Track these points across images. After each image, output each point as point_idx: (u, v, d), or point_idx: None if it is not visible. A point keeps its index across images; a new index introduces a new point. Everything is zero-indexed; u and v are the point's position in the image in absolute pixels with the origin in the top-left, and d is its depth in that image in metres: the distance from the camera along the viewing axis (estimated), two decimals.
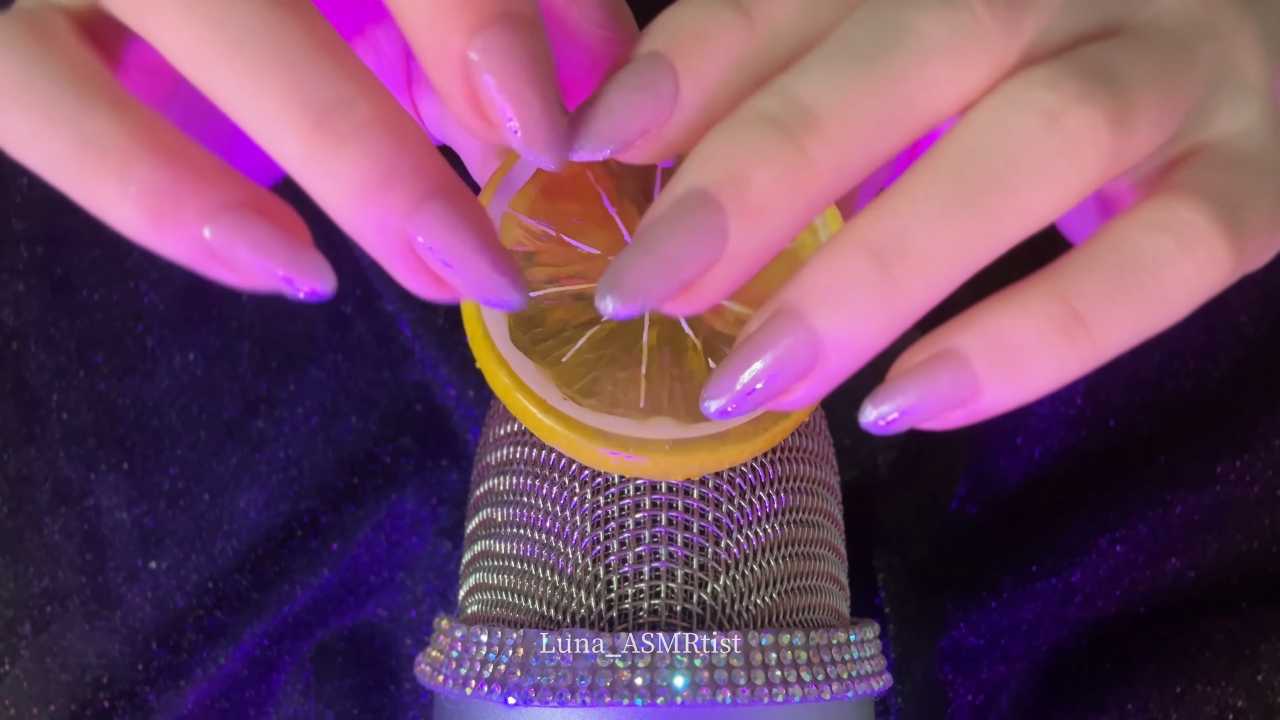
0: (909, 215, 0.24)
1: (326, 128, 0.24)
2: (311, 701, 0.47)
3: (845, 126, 0.24)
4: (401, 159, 0.24)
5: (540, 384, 0.30)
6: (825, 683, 0.33)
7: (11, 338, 0.46)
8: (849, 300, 0.24)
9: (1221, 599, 0.42)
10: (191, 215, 0.24)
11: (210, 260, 0.24)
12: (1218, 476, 0.43)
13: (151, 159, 0.24)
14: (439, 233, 0.24)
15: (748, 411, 0.26)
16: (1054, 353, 0.25)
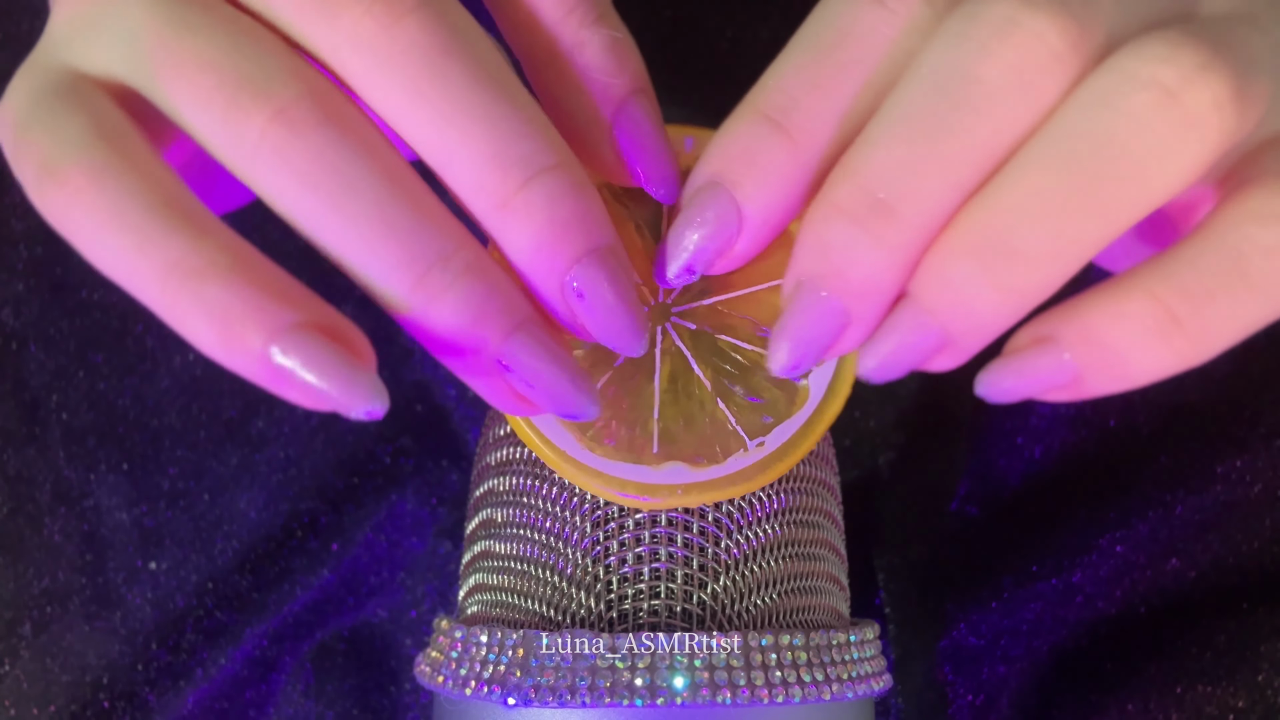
0: (1017, 216, 0.25)
1: (428, 282, 0.26)
2: (311, 702, 0.47)
3: (919, 204, 0.26)
4: (491, 302, 0.27)
5: (557, 432, 0.32)
6: (825, 683, 0.33)
7: (11, 338, 0.46)
8: (964, 301, 0.26)
9: (1222, 599, 0.42)
10: (258, 336, 0.25)
11: (277, 379, 0.25)
12: (1218, 476, 0.43)
13: (225, 280, 0.25)
14: (525, 359, 0.27)
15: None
16: (1150, 355, 0.26)
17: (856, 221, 0.26)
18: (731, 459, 0.32)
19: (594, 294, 0.28)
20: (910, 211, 0.26)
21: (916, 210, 0.26)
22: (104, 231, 0.26)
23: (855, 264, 0.26)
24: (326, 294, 0.48)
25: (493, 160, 0.27)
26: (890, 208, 0.26)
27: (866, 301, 0.27)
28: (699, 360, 0.33)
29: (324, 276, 0.27)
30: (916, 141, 0.26)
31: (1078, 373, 0.26)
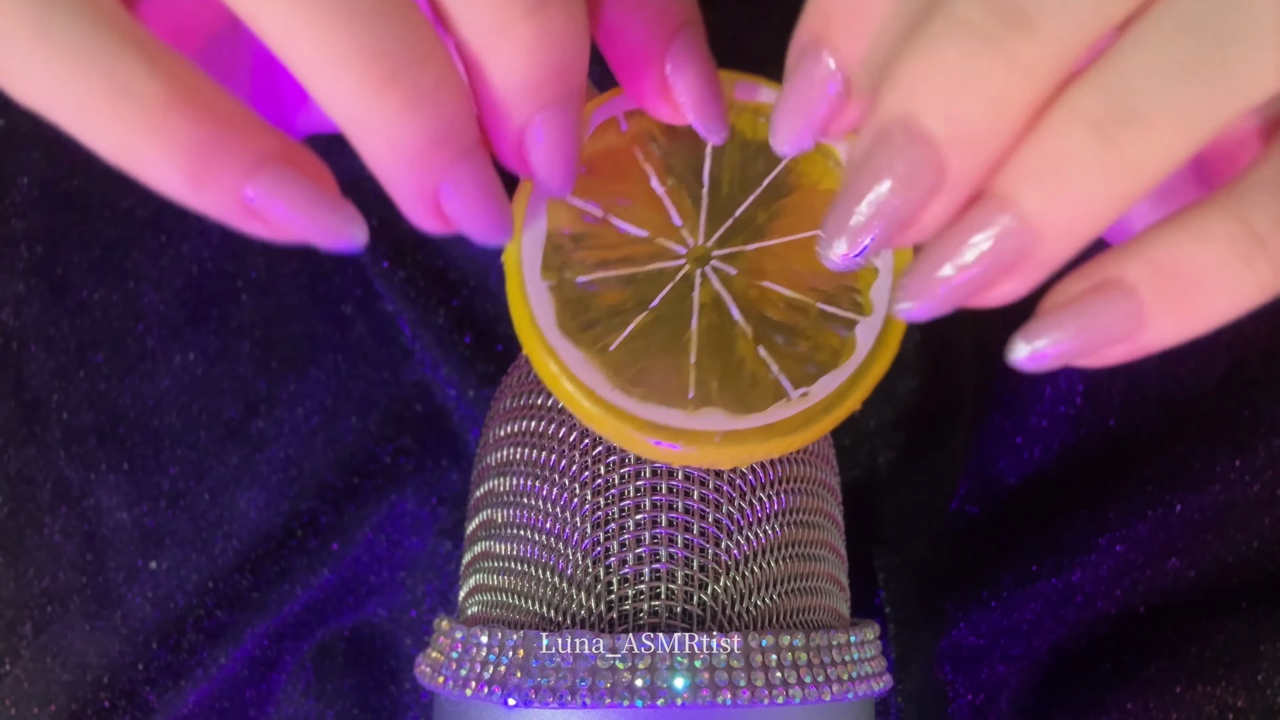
0: (1137, 75, 0.22)
1: (395, 86, 0.23)
2: (312, 701, 0.47)
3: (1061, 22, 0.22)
4: (453, 122, 0.24)
5: (588, 372, 0.30)
6: (825, 684, 0.33)
7: (11, 338, 0.46)
8: (1066, 180, 0.22)
9: (1222, 599, 0.42)
10: (232, 171, 0.23)
11: (247, 216, 0.24)
12: (1218, 476, 0.43)
13: (192, 112, 0.23)
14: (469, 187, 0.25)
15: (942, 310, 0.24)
16: (1232, 282, 0.23)
17: (982, 34, 0.22)
18: (773, 408, 0.29)
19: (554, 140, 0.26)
20: (1052, 25, 0.22)
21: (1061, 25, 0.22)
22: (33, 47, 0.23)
23: (973, 89, 0.22)
24: (326, 293, 0.48)
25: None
26: (1029, 17, 0.21)
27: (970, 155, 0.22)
28: (740, 306, 0.31)
29: (323, 276, 0.27)
30: None
31: (1144, 317, 0.23)
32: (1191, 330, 0.24)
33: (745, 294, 0.31)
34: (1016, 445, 0.47)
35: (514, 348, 0.47)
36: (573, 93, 0.26)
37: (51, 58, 0.23)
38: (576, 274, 0.30)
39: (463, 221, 0.26)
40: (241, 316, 0.47)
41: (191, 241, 0.47)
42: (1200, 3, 0.22)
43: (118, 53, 0.23)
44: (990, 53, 0.22)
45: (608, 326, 0.30)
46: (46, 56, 0.23)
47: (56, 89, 0.23)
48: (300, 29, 0.23)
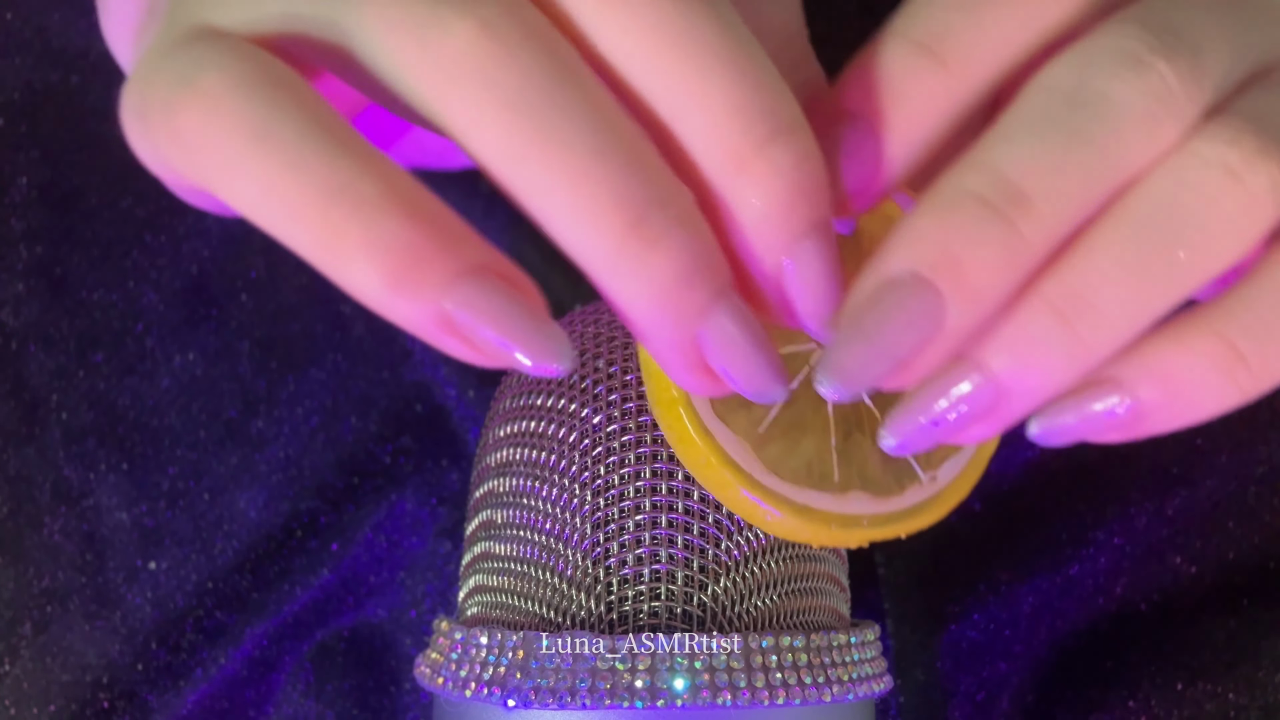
0: (1093, 274, 0.25)
1: (643, 228, 0.23)
2: (311, 701, 0.47)
3: (1053, 202, 0.25)
4: (701, 259, 0.24)
5: (743, 456, 0.30)
6: (826, 685, 0.33)
7: (11, 338, 0.46)
8: (1032, 354, 0.25)
9: (1222, 596, 0.42)
10: (434, 281, 0.22)
11: (444, 331, 0.23)
12: (1215, 470, 0.43)
13: (402, 214, 0.22)
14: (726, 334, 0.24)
15: (923, 448, 0.26)
16: (1215, 389, 0.26)
17: (991, 207, 0.24)
18: (909, 491, 0.31)
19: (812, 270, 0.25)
20: (1047, 207, 0.25)
21: (1053, 208, 0.25)
22: (246, 150, 0.23)
23: (979, 254, 0.24)
24: (326, 293, 0.48)
25: (737, 112, 0.24)
26: (1028, 198, 0.25)
27: (971, 309, 0.25)
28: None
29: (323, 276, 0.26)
30: (1057, 143, 0.25)
31: (1140, 411, 0.26)
32: (1179, 425, 0.27)
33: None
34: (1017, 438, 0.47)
35: None
36: (824, 221, 0.25)
37: (267, 161, 0.22)
38: None
39: (730, 370, 0.25)
40: (241, 316, 0.47)
41: (191, 241, 0.47)
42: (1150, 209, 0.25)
43: (333, 156, 0.23)
44: (995, 222, 0.24)
45: (752, 408, 0.30)
46: (262, 160, 0.23)
47: (266, 191, 0.23)
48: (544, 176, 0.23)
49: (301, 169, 0.22)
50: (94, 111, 0.47)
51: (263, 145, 0.23)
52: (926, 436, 0.26)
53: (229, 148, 0.23)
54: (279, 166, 0.22)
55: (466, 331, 0.23)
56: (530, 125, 0.23)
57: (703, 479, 0.30)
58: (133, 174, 0.47)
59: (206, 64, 0.23)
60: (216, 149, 0.23)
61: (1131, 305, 0.25)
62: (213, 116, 0.23)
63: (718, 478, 0.30)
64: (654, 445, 0.34)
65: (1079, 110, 0.25)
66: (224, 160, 0.23)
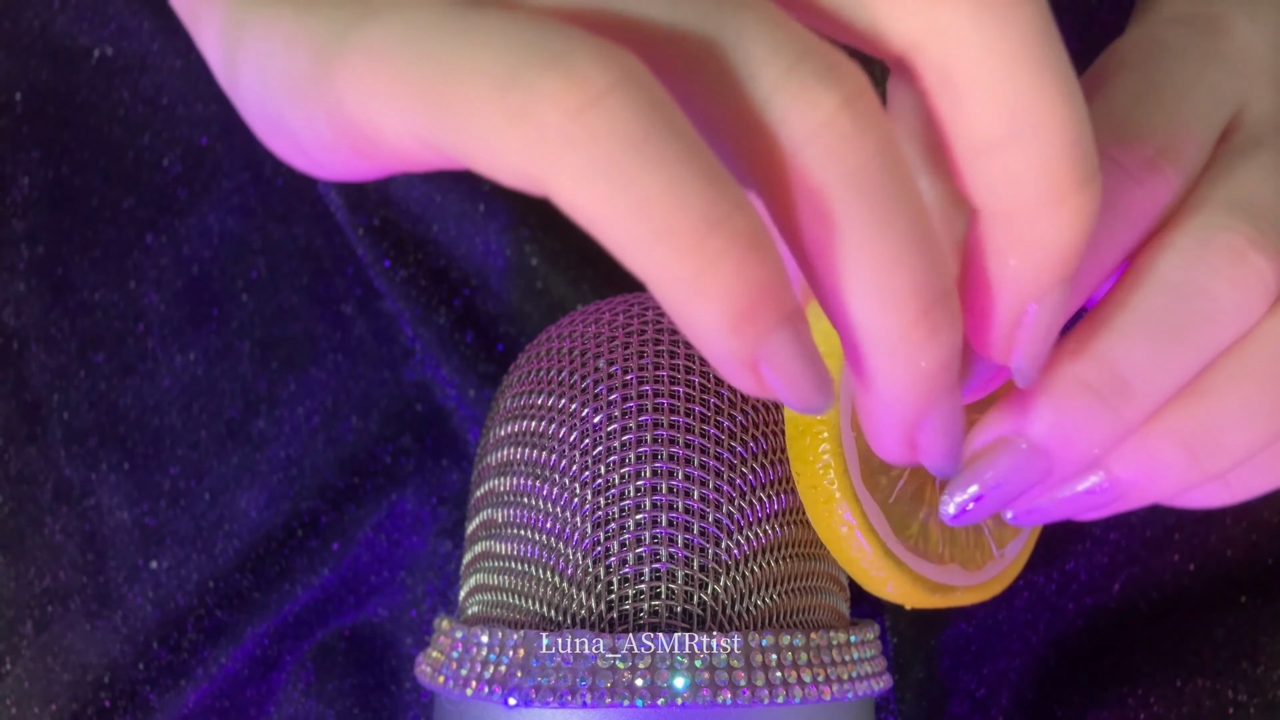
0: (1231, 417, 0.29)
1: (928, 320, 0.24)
2: (312, 701, 0.47)
3: (1153, 391, 0.29)
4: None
5: (881, 523, 0.32)
6: (825, 684, 0.33)
7: (12, 338, 0.46)
8: (1076, 432, 0.29)
9: (1221, 592, 0.43)
10: (765, 323, 0.22)
11: (748, 370, 0.23)
12: None
13: (764, 256, 0.22)
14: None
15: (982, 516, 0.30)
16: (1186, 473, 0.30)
17: (1100, 397, 0.29)
18: (987, 566, 0.34)
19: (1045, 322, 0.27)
20: (1146, 395, 0.29)
21: (1150, 396, 0.29)
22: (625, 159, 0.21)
23: (1087, 434, 0.29)
24: (326, 293, 0.48)
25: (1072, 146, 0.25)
26: (1132, 389, 0.29)
27: (1069, 468, 0.30)
28: None
29: (323, 276, 0.26)
30: (1160, 339, 0.29)
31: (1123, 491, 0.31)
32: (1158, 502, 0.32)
33: None
34: None
35: (514, 348, 0.47)
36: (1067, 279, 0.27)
37: (647, 175, 0.21)
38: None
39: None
40: (241, 316, 0.47)
41: (192, 242, 0.47)
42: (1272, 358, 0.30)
43: (714, 184, 0.22)
44: (1103, 411, 0.29)
45: (888, 478, 0.33)
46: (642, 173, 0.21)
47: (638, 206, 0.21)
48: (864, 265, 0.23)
49: (683, 191, 0.21)
50: (95, 112, 0.47)
51: (646, 157, 0.21)
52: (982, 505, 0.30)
53: (606, 151, 0.21)
54: (660, 184, 0.21)
55: (764, 373, 0.23)
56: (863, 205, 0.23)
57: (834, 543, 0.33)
58: (134, 174, 0.47)
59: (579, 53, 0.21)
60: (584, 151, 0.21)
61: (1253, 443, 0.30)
62: (592, 113, 0.21)
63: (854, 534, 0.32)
64: (654, 445, 0.34)
65: (1185, 307, 0.29)
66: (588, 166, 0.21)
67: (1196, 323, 0.29)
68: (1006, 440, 0.30)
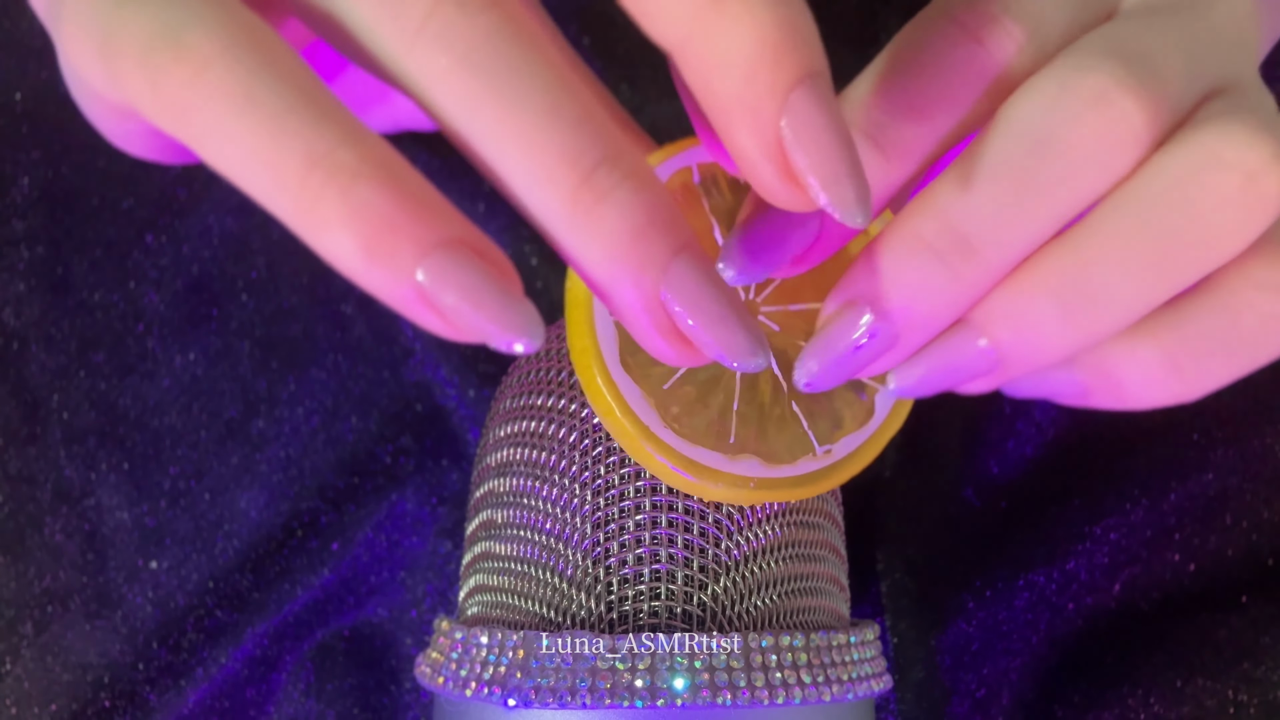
0: (1102, 264, 0.27)
1: (594, 181, 0.23)
2: (312, 701, 0.47)
3: (1000, 249, 0.27)
4: (656, 213, 0.24)
5: (643, 408, 0.31)
6: (825, 684, 0.33)
7: (12, 338, 0.46)
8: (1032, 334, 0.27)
9: (1222, 592, 0.42)
10: (409, 250, 0.23)
11: (418, 301, 0.23)
12: (1211, 464, 0.43)
13: (379, 184, 0.23)
14: (690, 288, 0.24)
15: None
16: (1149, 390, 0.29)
17: (939, 256, 0.27)
18: (801, 461, 0.32)
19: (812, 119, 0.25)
20: (991, 254, 0.27)
21: (997, 254, 0.27)
22: (232, 116, 0.23)
23: (924, 296, 0.27)
24: (326, 293, 0.48)
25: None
26: (974, 248, 0.27)
27: (918, 334, 0.28)
28: (779, 361, 0.32)
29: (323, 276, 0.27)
30: (1007, 192, 0.27)
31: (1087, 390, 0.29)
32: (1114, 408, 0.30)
33: (784, 352, 0.32)
34: (1018, 432, 0.47)
35: None
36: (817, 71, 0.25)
37: (252, 127, 0.23)
38: None
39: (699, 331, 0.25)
40: (241, 316, 0.47)
41: (191, 242, 0.47)
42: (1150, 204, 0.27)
43: (315, 124, 0.23)
44: (940, 270, 0.27)
45: (662, 369, 0.31)
46: (248, 126, 0.23)
47: (249, 157, 0.23)
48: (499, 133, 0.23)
49: (284, 136, 0.23)
50: None
51: (249, 112, 0.23)
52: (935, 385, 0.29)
53: (216, 112, 0.23)
54: (263, 135, 0.23)
55: (438, 303, 0.23)
56: (485, 84, 0.23)
57: (607, 427, 0.31)
58: (134, 174, 0.47)
59: (192, 21, 0.23)
60: (202, 111, 0.23)
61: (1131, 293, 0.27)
62: (201, 79, 0.23)
63: (618, 427, 0.31)
64: None
65: (1038, 155, 0.27)
66: (209, 123, 0.23)
67: (1051, 174, 0.27)
68: (849, 304, 0.28)
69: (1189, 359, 0.28)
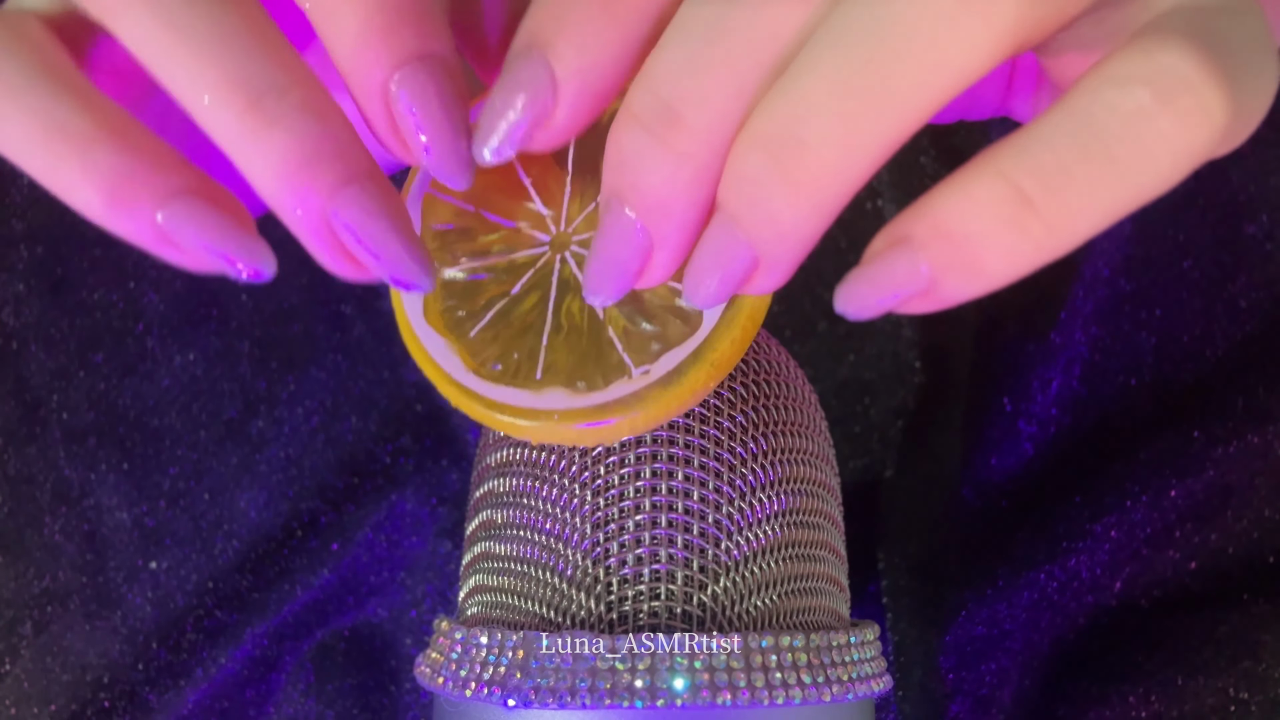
0: (805, 105, 0.23)
1: (259, 108, 0.25)
2: (312, 701, 0.47)
3: (704, 109, 0.24)
4: (325, 143, 0.26)
5: (448, 358, 0.31)
6: (825, 685, 0.33)
7: (12, 338, 0.46)
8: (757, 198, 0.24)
9: (1222, 591, 0.43)
10: (146, 198, 0.26)
11: (160, 241, 0.26)
12: (1212, 461, 0.43)
13: (111, 144, 0.26)
14: (356, 214, 0.26)
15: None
16: (1004, 244, 0.23)
17: (647, 129, 0.25)
18: (614, 386, 0.30)
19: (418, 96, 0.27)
20: (696, 116, 0.25)
21: (702, 115, 0.25)
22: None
23: (649, 175, 0.25)
24: (326, 295, 0.48)
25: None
26: (677, 113, 0.25)
27: (665, 219, 0.26)
28: None
29: (324, 276, 0.27)
30: (696, 43, 0.25)
31: (932, 274, 0.24)
32: (979, 288, 0.24)
33: None
34: (1018, 430, 0.47)
35: None
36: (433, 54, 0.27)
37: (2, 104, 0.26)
38: (447, 266, 0.32)
39: (365, 255, 0.27)
40: (241, 316, 0.48)
41: None
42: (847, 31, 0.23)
43: (55, 97, 0.26)
44: (654, 146, 0.25)
45: (470, 314, 0.32)
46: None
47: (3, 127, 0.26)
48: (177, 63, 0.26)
49: (28, 109, 0.26)
50: None
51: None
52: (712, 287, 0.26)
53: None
54: (10, 107, 0.26)
55: (178, 241, 0.26)
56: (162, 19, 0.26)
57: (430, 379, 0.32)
58: None
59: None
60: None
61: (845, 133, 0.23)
62: None
63: (432, 377, 0.31)
64: (654, 445, 0.34)
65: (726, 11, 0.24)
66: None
67: (737, 13, 0.24)
68: (604, 203, 0.26)
69: (1044, 191, 0.23)
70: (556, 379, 0.30)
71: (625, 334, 0.31)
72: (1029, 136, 0.23)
